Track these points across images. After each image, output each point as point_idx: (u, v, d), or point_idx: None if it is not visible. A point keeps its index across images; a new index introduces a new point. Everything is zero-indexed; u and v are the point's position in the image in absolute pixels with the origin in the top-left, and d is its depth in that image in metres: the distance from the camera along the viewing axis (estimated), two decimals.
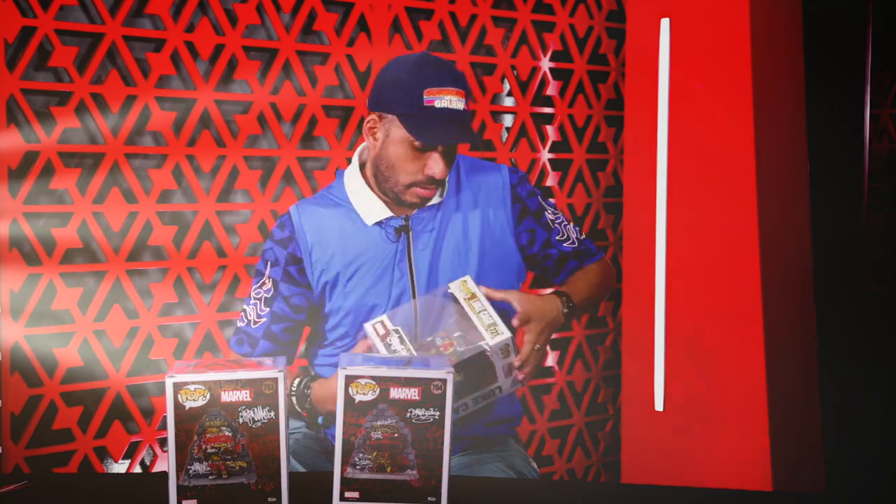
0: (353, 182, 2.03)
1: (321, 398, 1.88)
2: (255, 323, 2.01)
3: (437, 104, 1.88)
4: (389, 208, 2.00)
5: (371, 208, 2.00)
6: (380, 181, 1.98)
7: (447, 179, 2.02)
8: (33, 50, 2.61)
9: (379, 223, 1.99)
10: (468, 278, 1.89)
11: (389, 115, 1.92)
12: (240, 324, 2.04)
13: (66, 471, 2.70)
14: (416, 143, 1.90)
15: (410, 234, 1.99)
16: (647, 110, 3.33)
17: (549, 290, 2.04)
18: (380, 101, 1.95)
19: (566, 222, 2.13)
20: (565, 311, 1.97)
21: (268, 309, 2.00)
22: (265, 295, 2.01)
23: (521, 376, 1.88)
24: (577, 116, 3.59)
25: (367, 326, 1.84)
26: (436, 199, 2.01)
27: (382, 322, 1.83)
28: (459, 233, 2.00)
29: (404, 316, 1.88)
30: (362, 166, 2.05)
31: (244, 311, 2.04)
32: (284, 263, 1.99)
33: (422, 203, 1.98)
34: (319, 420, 1.96)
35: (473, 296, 1.85)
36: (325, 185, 2.98)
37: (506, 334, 1.79)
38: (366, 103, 2.15)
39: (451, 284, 1.88)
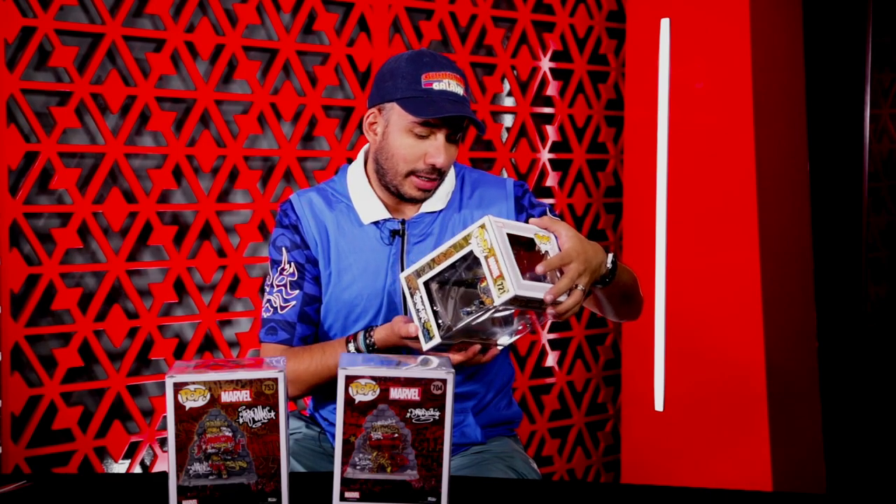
0: (355, 179, 2.02)
1: (385, 342, 1.85)
2: (284, 308, 1.97)
3: (436, 86, 1.88)
4: (388, 210, 1.99)
5: (369, 207, 1.98)
6: (380, 176, 1.96)
7: (451, 190, 2.02)
8: (33, 50, 2.61)
9: (375, 223, 1.98)
10: (488, 220, 1.66)
11: (388, 105, 1.91)
12: (266, 314, 1.98)
13: (66, 471, 2.70)
14: (417, 130, 1.89)
15: (405, 237, 1.98)
16: (647, 110, 3.34)
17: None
18: (379, 93, 1.94)
19: None
20: (609, 266, 1.81)
21: (296, 291, 1.97)
22: (289, 279, 1.97)
23: (552, 311, 1.68)
24: (577, 116, 3.59)
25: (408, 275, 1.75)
26: (437, 206, 2.00)
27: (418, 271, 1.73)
28: None
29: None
30: (365, 164, 2.04)
31: (268, 301, 1.99)
32: (302, 246, 1.98)
33: (422, 198, 1.96)
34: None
35: (491, 252, 1.65)
36: None
37: (512, 291, 1.62)
38: (366, 104, 2.13)
39: (470, 235, 1.68)
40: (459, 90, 1.90)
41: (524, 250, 1.71)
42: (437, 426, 1.48)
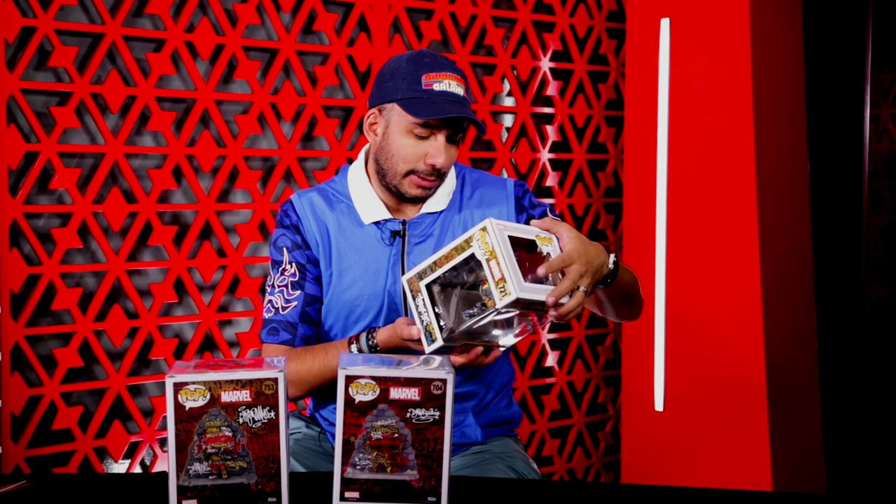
0: (356, 179, 2.02)
1: (388, 343, 1.86)
2: (285, 308, 1.96)
3: (437, 87, 1.88)
4: (388, 210, 1.99)
5: (370, 207, 1.98)
6: (381, 176, 1.96)
7: (452, 191, 2.02)
8: (33, 50, 2.61)
9: (376, 224, 1.98)
10: (489, 223, 1.66)
11: (389, 105, 1.92)
12: (267, 315, 1.98)
13: (66, 471, 2.70)
14: (417, 131, 1.89)
15: (406, 238, 1.98)
16: (647, 110, 3.34)
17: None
18: (379, 93, 1.94)
19: None
20: (611, 266, 1.81)
21: (297, 292, 1.97)
22: (291, 280, 1.97)
23: (553, 313, 1.69)
24: (577, 116, 3.59)
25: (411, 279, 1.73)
26: (438, 207, 2.00)
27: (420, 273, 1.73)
28: None
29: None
30: (366, 164, 2.04)
31: (269, 302, 1.98)
32: (303, 247, 1.98)
33: (422, 196, 1.95)
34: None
35: (492, 255, 1.65)
36: None
37: (514, 294, 1.63)
38: (367, 104, 2.13)
39: (472, 237, 1.68)
40: (460, 91, 1.90)
41: (526, 252, 1.71)
42: (437, 426, 1.48)
